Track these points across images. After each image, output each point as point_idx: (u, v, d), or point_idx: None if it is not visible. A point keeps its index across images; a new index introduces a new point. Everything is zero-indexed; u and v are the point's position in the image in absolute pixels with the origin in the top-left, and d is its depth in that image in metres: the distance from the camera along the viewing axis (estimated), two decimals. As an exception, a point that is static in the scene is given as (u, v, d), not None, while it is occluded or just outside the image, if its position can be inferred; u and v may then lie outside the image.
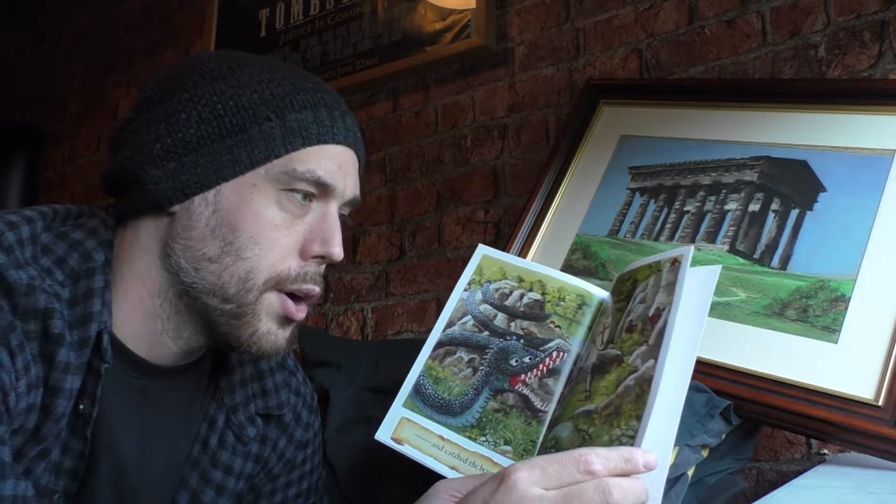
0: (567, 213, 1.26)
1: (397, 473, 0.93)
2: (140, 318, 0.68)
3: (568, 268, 1.19)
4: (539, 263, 0.84)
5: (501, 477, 0.51)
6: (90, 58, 2.66)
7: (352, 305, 1.75)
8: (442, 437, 0.72)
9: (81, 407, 0.62)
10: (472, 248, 1.61)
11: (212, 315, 0.67)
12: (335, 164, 0.69)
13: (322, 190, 0.68)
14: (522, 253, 1.26)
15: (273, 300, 0.67)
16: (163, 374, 0.71)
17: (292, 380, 0.85)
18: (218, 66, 0.69)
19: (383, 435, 0.73)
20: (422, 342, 0.80)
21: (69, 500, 0.65)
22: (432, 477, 0.75)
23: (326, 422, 1.06)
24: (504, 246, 1.30)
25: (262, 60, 0.72)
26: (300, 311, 0.69)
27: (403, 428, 0.73)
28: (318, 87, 0.71)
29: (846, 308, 0.91)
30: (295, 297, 0.68)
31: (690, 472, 0.81)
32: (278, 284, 0.67)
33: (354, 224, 1.79)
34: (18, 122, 2.79)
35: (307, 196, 0.68)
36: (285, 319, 0.68)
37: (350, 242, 1.79)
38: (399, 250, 1.70)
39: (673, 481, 0.77)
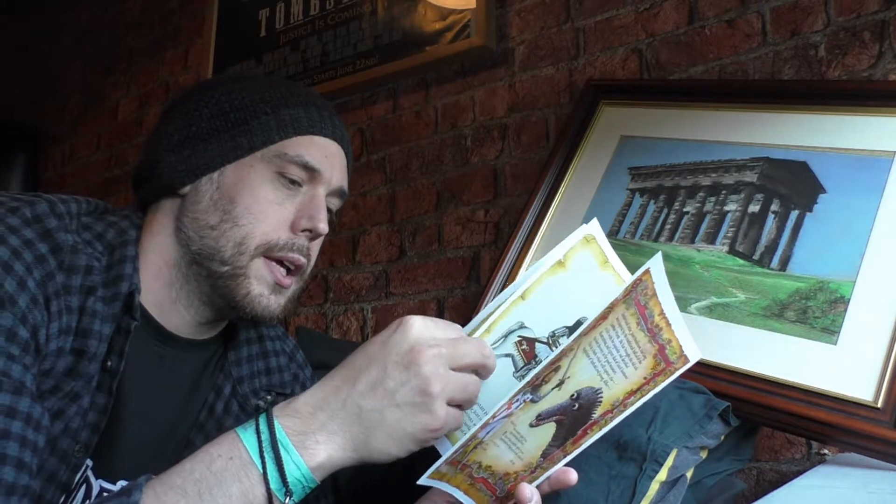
0: (567, 213, 1.26)
1: (397, 478, 0.93)
2: (159, 286, 0.78)
3: (568, 268, 1.19)
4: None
5: (399, 321, 0.62)
6: (90, 58, 2.66)
7: (352, 305, 1.75)
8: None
9: (109, 363, 0.70)
10: (472, 248, 1.62)
11: (213, 278, 0.76)
12: (322, 153, 0.79)
13: (310, 174, 0.78)
14: (522, 253, 1.26)
15: (261, 266, 0.76)
16: (179, 343, 0.80)
17: (300, 373, 0.93)
18: (229, 77, 0.85)
19: None
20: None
21: (88, 453, 0.70)
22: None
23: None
24: (504, 246, 1.30)
25: (267, 75, 0.88)
26: (287, 279, 0.78)
27: None
28: (310, 92, 0.84)
29: (845, 309, 0.91)
30: (285, 267, 0.78)
31: (689, 474, 0.81)
32: (269, 251, 0.76)
33: (354, 224, 1.79)
34: (18, 122, 2.79)
35: (297, 181, 0.78)
36: (275, 286, 0.77)
37: (350, 242, 1.79)
38: (399, 250, 1.70)
39: (672, 483, 0.77)
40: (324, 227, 0.78)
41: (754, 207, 1.07)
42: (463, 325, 0.68)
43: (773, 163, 1.09)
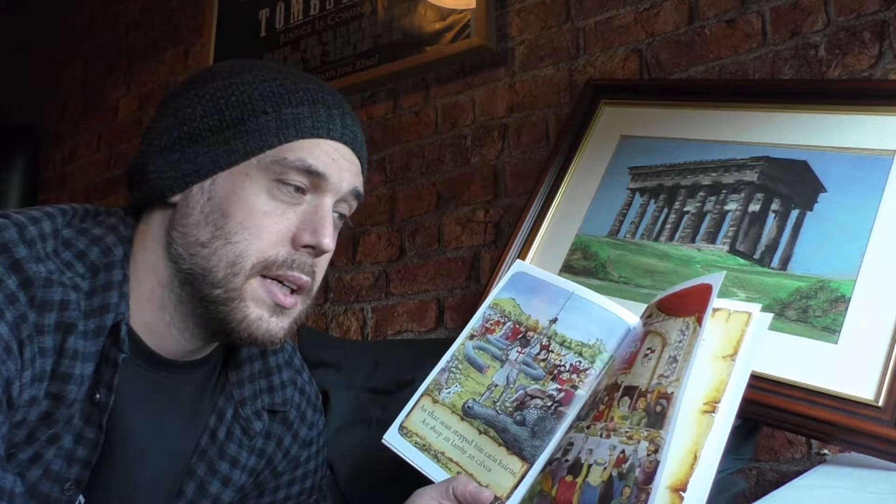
0: (567, 213, 1.26)
1: (397, 475, 0.93)
2: (151, 309, 0.70)
3: (568, 268, 1.19)
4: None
5: None
6: (90, 58, 2.66)
7: (352, 305, 1.74)
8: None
9: (98, 396, 0.64)
10: (472, 248, 1.62)
11: (206, 301, 0.68)
12: (329, 156, 0.70)
13: (314, 181, 0.69)
14: (522, 253, 1.25)
15: (256, 286, 0.68)
16: (175, 368, 0.73)
17: (298, 378, 0.87)
18: (229, 67, 0.73)
19: None
20: (421, 342, 0.81)
21: (80, 489, 0.66)
22: (429, 479, 0.75)
23: (326, 423, 1.06)
24: (504, 246, 1.30)
25: (272, 65, 0.75)
26: (289, 298, 0.70)
27: None
28: (321, 87, 0.73)
29: (846, 308, 0.91)
30: (287, 287, 0.70)
31: (690, 473, 0.81)
32: (266, 269, 0.68)
33: (354, 224, 1.79)
34: (18, 122, 2.79)
35: (300, 188, 0.69)
36: (275, 307, 0.69)
37: (350, 242, 1.79)
38: (399, 250, 1.70)
39: (673, 482, 0.77)
40: (328, 242, 0.69)
41: (755, 207, 1.07)
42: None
43: (773, 162, 1.09)
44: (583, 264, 1.17)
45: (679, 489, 0.56)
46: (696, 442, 0.58)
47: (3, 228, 0.61)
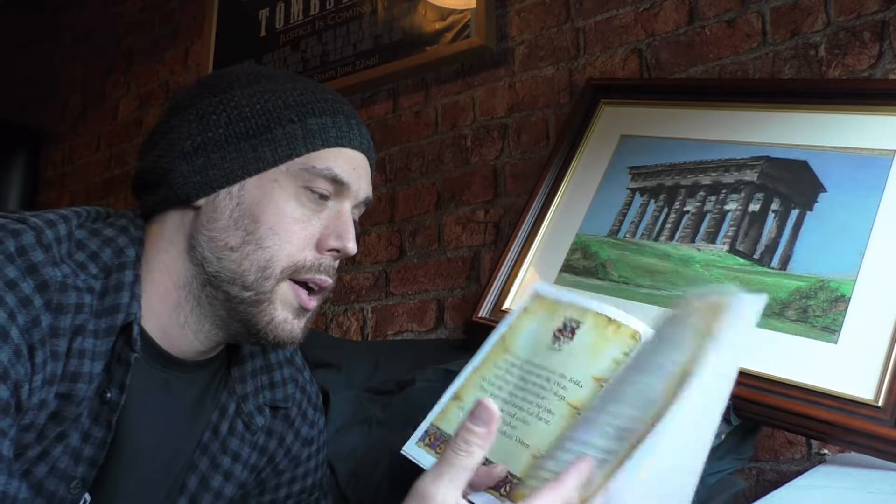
0: (567, 213, 1.26)
1: (398, 475, 0.93)
2: (165, 310, 0.72)
3: (568, 268, 1.19)
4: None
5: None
6: (90, 58, 2.66)
7: (352, 305, 1.75)
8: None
9: (108, 395, 0.65)
10: (472, 248, 1.62)
11: (232, 303, 0.71)
12: (350, 165, 0.74)
13: (338, 188, 0.73)
14: (522, 253, 1.26)
15: (286, 289, 0.71)
16: (185, 367, 0.75)
17: (299, 377, 0.88)
18: (245, 75, 0.75)
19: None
20: (421, 342, 0.80)
21: (86, 487, 0.67)
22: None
23: (327, 423, 1.06)
24: (504, 246, 1.30)
25: (286, 74, 0.78)
26: (312, 301, 0.73)
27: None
28: (337, 98, 0.77)
29: (846, 308, 0.91)
30: (309, 288, 0.73)
31: (690, 473, 0.81)
32: (294, 273, 0.71)
33: (361, 226, 1.79)
34: (18, 122, 2.79)
35: (323, 195, 0.72)
36: (299, 310, 0.72)
37: (350, 242, 1.79)
38: (399, 250, 1.70)
39: (673, 482, 0.77)
40: (353, 246, 0.72)
41: (755, 206, 1.07)
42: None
43: (773, 162, 1.09)
44: (583, 264, 1.17)
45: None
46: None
47: (21, 233, 0.62)
